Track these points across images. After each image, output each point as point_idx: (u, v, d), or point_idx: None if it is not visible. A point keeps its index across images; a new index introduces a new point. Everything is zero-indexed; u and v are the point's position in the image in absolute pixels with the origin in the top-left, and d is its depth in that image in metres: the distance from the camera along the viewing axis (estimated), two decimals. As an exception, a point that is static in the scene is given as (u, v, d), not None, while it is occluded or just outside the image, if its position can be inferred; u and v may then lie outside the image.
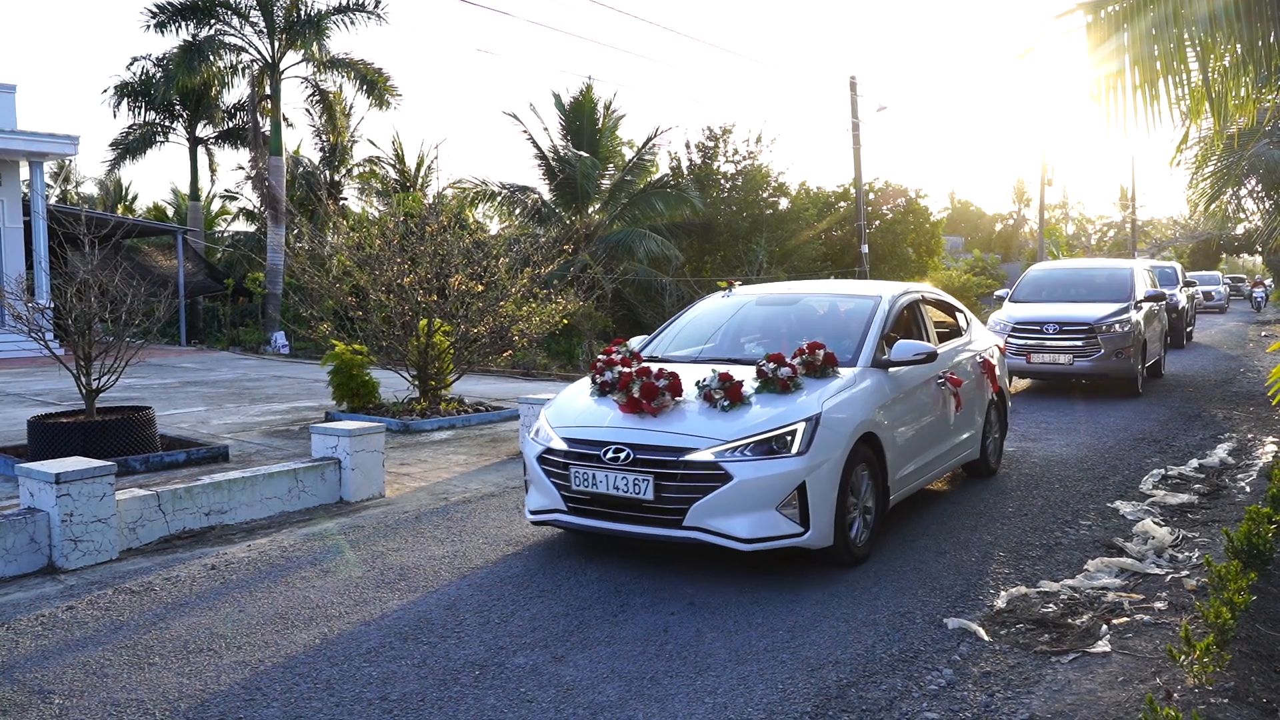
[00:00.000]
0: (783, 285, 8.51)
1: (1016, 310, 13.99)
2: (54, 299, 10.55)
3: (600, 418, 5.87)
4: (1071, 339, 12.91)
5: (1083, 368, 12.86)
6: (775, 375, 5.80)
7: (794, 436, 5.42)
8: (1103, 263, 17.34)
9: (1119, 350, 12.73)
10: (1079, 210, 77.16)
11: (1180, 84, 5.79)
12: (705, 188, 29.77)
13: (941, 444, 7.07)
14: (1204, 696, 3.87)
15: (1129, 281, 14.15)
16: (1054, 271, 15.90)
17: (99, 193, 44.09)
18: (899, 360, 6.38)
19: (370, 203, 30.87)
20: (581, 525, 5.70)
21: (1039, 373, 13.47)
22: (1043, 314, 13.44)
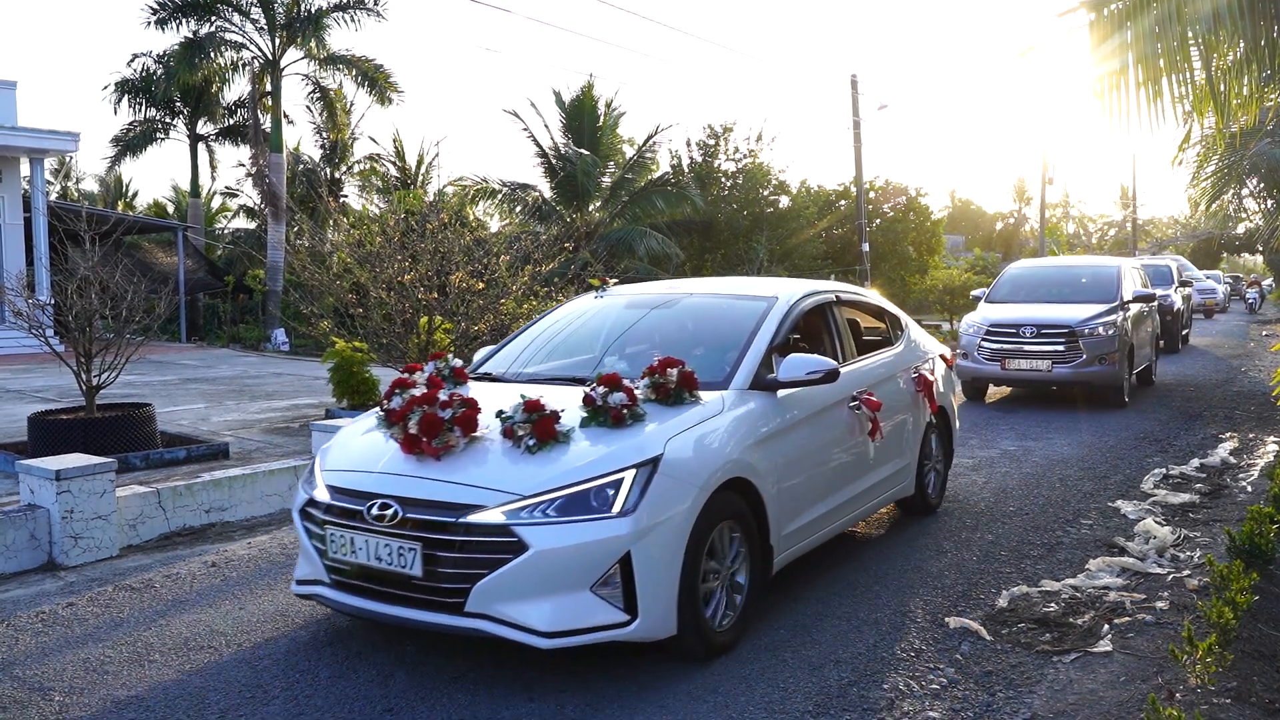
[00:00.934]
0: (663, 284, 6.94)
1: (992, 312, 12.89)
2: (54, 296, 10.55)
3: (374, 459, 4.49)
4: (1050, 343, 11.89)
5: (1062, 374, 11.86)
6: (605, 403, 4.41)
7: (618, 488, 4.04)
8: (1088, 260, 16.26)
9: (1102, 356, 11.70)
10: (1080, 209, 77.23)
11: (1183, 82, 5.78)
12: (706, 186, 29.76)
13: (857, 482, 5.74)
14: (1206, 696, 3.86)
15: (1115, 281, 13.14)
16: (1035, 270, 14.83)
17: (99, 189, 44.08)
18: (790, 380, 5.02)
19: (371, 200, 30.86)
20: (343, 605, 4.30)
21: (1015, 380, 12.47)
22: (1020, 316, 12.36)
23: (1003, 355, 12.12)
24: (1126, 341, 12.17)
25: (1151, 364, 14.30)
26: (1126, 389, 12.28)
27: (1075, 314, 12.06)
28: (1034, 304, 12.90)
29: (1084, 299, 12.70)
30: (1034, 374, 12.03)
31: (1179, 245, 53.51)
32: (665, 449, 4.22)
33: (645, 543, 3.98)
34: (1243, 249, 52.79)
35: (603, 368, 5.32)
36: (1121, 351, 11.91)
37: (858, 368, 6.04)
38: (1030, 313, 12.43)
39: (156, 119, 30.83)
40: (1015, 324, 12.17)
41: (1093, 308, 12.24)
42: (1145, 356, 13.67)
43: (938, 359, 7.28)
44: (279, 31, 25.71)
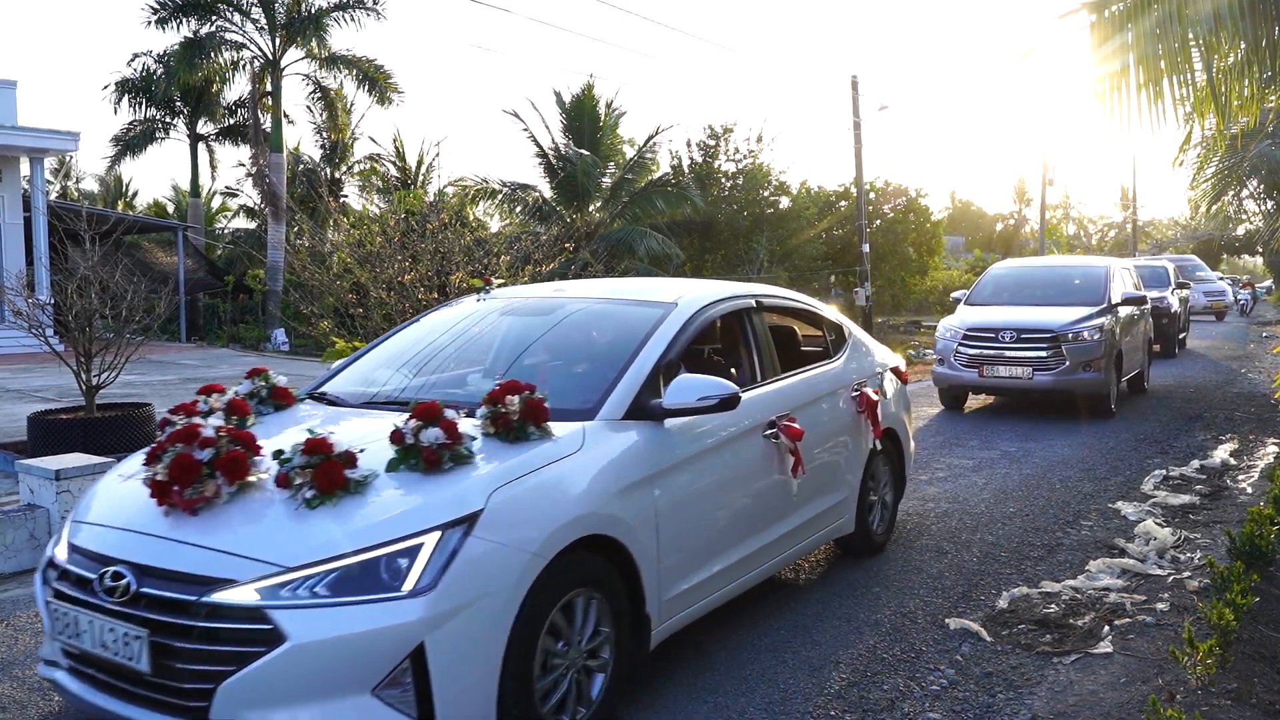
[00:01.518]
0: (550, 286, 5.90)
1: (971, 315, 12.11)
2: (54, 295, 10.54)
3: (124, 511, 3.51)
4: (1031, 349, 11.15)
5: (1044, 383, 11.09)
6: (417, 441, 3.41)
7: (413, 558, 3.09)
8: (1075, 261, 15.49)
9: (1087, 362, 11.00)
10: (1080, 210, 77.20)
11: (1184, 83, 5.79)
12: (706, 186, 29.76)
13: (777, 524, 4.84)
14: (1206, 698, 3.86)
15: (1103, 282, 12.35)
16: (1019, 270, 13.99)
17: (99, 189, 44.10)
18: (676, 408, 4.07)
19: (371, 200, 30.86)
20: (73, 697, 3.33)
21: (994, 388, 11.73)
22: (999, 319, 11.63)
23: (981, 361, 11.42)
24: (1114, 347, 11.56)
25: (1144, 370, 13.62)
26: (1114, 398, 11.62)
27: (1059, 318, 11.36)
28: (1017, 307, 12.17)
29: (1070, 301, 12.01)
30: (1014, 382, 11.29)
31: (1179, 246, 53.55)
32: (488, 503, 3.27)
33: (448, 630, 3.05)
34: (1243, 250, 52.81)
35: (466, 388, 4.50)
36: (1108, 358, 11.27)
37: (778, 388, 5.05)
38: (1011, 316, 11.73)
39: (156, 119, 30.82)
40: (994, 328, 11.49)
41: (1078, 311, 11.56)
42: (1137, 362, 13.08)
43: (887, 374, 6.39)
44: (279, 31, 25.71)
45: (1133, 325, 12.78)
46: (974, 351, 11.47)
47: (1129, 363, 12.47)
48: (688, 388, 4.08)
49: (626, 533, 3.72)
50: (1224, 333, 26.38)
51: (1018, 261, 15.45)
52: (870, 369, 6.17)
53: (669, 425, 4.13)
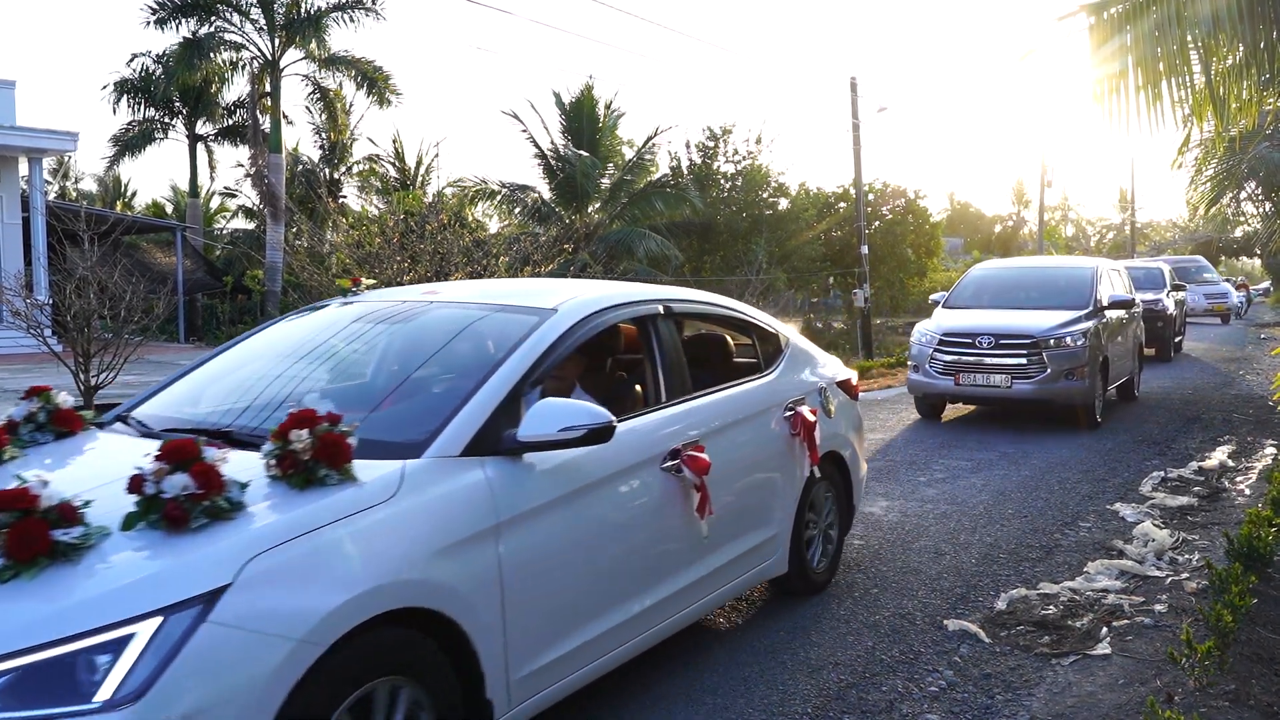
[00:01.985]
0: (421, 289, 4.83)
1: (948, 319, 11.44)
2: (53, 295, 10.54)
3: None
4: (1010, 356, 10.51)
5: (1023, 392, 10.46)
6: (158, 491, 2.61)
7: (117, 655, 2.32)
8: (1061, 262, 14.65)
9: (1070, 370, 10.35)
10: (1078, 212, 77.22)
11: (1182, 85, 5.80)
12: (705, 187, 29.75)
13: (678, 574, 4.04)
14: (1205, 699, 3.86)
15: (1089, 284, 11.66)
16: (1001, 271, 13.34)
17: (98, 189, 44.07)
18: (533, 440, 3.28)
19: (370, 201, 30.86)
20: None
21: (970, 397, 11.12)
22: (976, 324, 10.98)
23: (957, 369, 10.76)
24: (1100, 353, 10.88)
25: (1134, 377, 13.00)
26: (1099, 408, 10.97)
27: (1041, 322, 10.71)
28: (997, 310, 11.52)
29: (1054, 305, 11.32)
30: (991, 391, 10.67)
31: (1178, 248, 53.62)
32: (239, 575, 2.49)
33: None
34: (1241, 252, 52.90)
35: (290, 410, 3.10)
36: (1093, 365, 10.61)
37: (684, 411, 4.23)
38: (990, 320, 11.07)
39: (155, 119, 30.81)
40: (971, 333, 10.81)
41: (1062, 315, 10.90)
42: (1126, 369, 12.46)
43: (831, 389, 5.51)
44: (278, 32, 25.71)
45: (1121, 330, 12.12)
46: (950, 358, 10.83)
47: (1117, 369, 11.86)
48: (547, 415, 3.28)
49: (454, 602, 2.94)
50: (1222, 335, 25.92)
51: (1000, 262, 14.58)
52: (809, 385, 5.29)
53: (530, 461, 3.34)
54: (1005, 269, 13.61)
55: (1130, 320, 12.67)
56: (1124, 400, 12.83)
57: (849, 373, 5.88)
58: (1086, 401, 10.63)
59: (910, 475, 8.33)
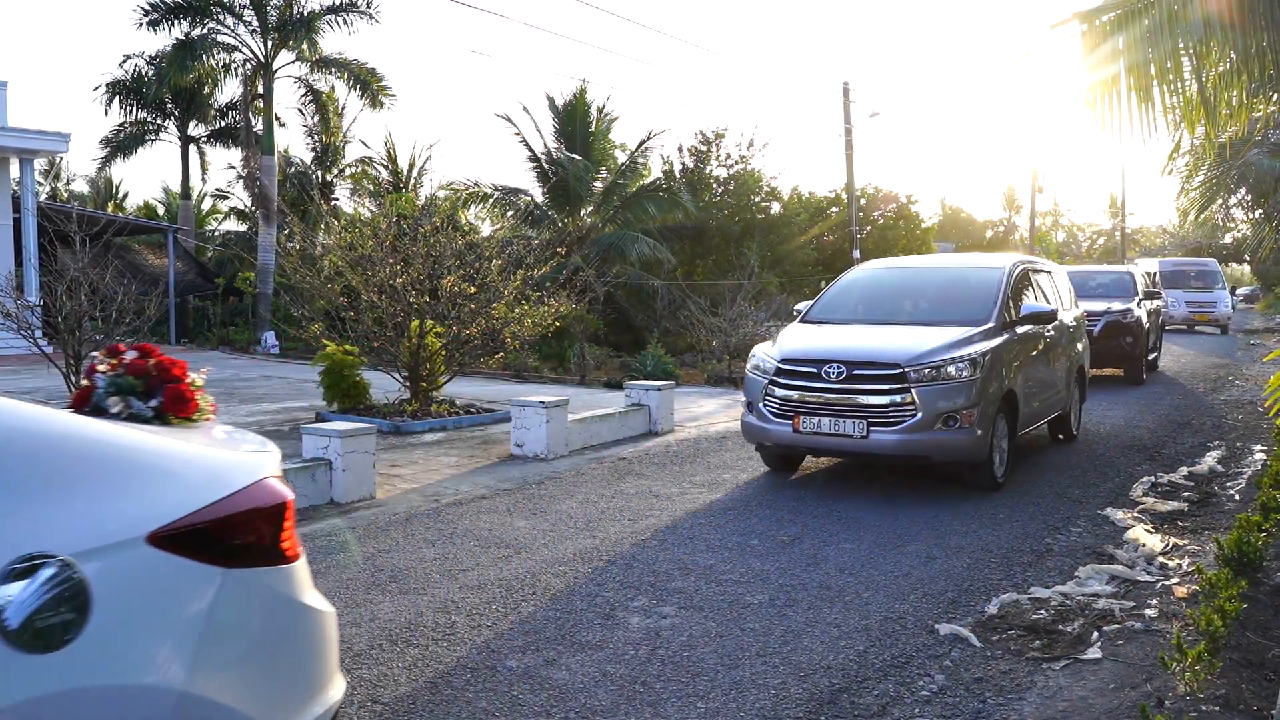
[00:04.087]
0: None
1: (793, 339, 8.46)
2: (44, 297, 10.51)
3: None
4: (867, 392, 7.56)
5: (884, 445, 7.47)
6: None
7: None
8: (964, 261, 10.96)
9: (950, 413, 7.43)
10: (1069, 218, 77.51)
11: (1174, 91, 5.83)
12: (697, 191, 29.79)
13: None
14: (1195, 704, 3.87)
15: (994, 292, 8.61)
16: (887, 274, 10.15)
17: (90, 190, 43.95)
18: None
19: (363, 203, 30.83)
20: None
21: (814, 448, 8.01)
22: (825, 347, 8.07)
23: (796, 409, 7.78)
24: (1002, 387, 7.94)
25: (1069, 411, 10.17)
26: (1001, 464, 7.98)
27: (913, 344, 7.80)
28: (865, 327, 8.72)
29: (945, 319, 8.45)
30: (841, 442, 7.63)
31: (1167, 254, 53.84)
32: None
33: None
34: (1231, 258, 53.13)
35: None
36: (987, 405, 7.65)
37: None
38: (843, 341, 8.20)
39: (148, 120, 30.77)
40: (817, 359, 7.85)
41: (949, 333, 7.98)
42: (1053, 404, 9.55)
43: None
44: (271, 34, 25.67)
45: (1046, 352, 9.26)
46: (787, 394, 7.86)
47: (1036, 407, 8.93)
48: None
49: None
50: (1209, 346, 24.52)
51: (888, 263, 11.31)
52: None
53: None
54: (892, 270, 10.38)
55: (1062, 339, 9.86)
56: (1061, 441, 10.28)
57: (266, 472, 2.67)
58: (974, 456, 7.59)
59: (897, 480, 8.34)
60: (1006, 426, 8.12)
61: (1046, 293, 9.87)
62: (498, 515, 7.08)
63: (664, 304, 24.73)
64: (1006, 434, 8.13)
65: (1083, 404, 10.98)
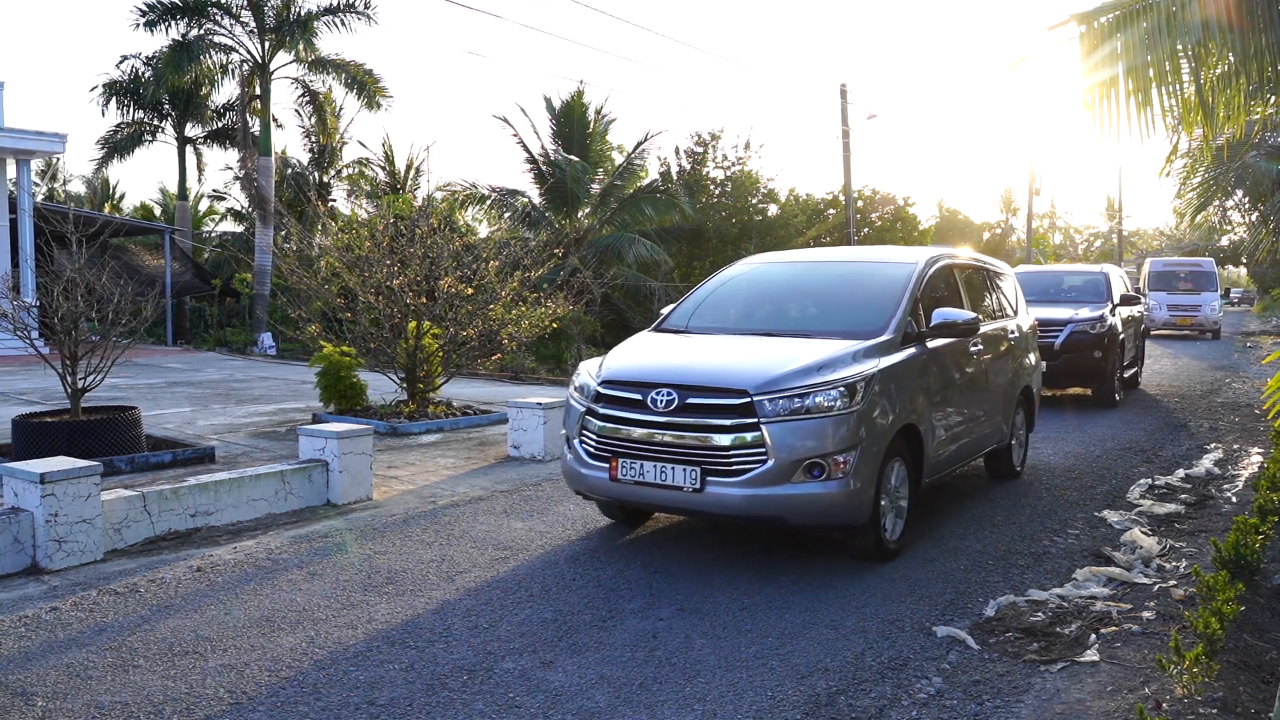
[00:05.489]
0: None
1: (626, 355, 6.50)
2: (40, 297, 10.50)
3: None
4: (702, 428, 5.64)
5: (723, 501, 5.55)
6: None
7: None
8: (870, 255, 8.21)
9: (815, 459, 5.52)
10: (1066, 220, 77.63)
11: (1172, 94, 5.83)
12: (694, 193, 29.82)
13: None
14: (1193, 706, 3.87)
15: (898, 293, 6.71)
16: (774, 270, 7.88)
17: (86, 191, 43.93)
18: None
19: (360, 204, 30.81)
20: None
21: (637, 502, 5.99)
22: (658, 365, 6.16)
23: (614, 449, 5.88)
24: (893, 422, 5.94)
25: (1009, 445, 8.26)
26: (894, 527, 6.09)
27: (770, 363, 5.88)
28: (737, 336, 6.73)
29: (829, 329, 6.54)
30: (666, 495, 5.70)
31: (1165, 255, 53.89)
32: None
33: None
34: (1227, 261, 53.20)
35: None
36: (869, 446, 5.70)
37: None
38: (683, 358, 6.27)
39: (144, 121, 30.76)
40: (644, 381, 5.93)
41: (824, 349, 6.04)
42: (988, 436, 7.75)
43: None
44: (268, 35, 25.67)
45: (972, 372, 7.32)
46: (605, 425, 5.93)
47: (957, 443, 7.06)
48: None
49: None
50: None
51: (781, 256, 8.27)
52: None
53: None
54: (783, 267, 7.96)
55: (997, 354, 7.88)
56: (1000, 478, 8.49)
57: None
58: (850, 517, 5.65)
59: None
60: (906, 473, 6.21)
61: (981, 296, 8.12)
62: (494, 517, 7.07)
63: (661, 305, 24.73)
64: (906, 483, 6.22)
65: (1027, 431, 8.90)
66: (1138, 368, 15.59)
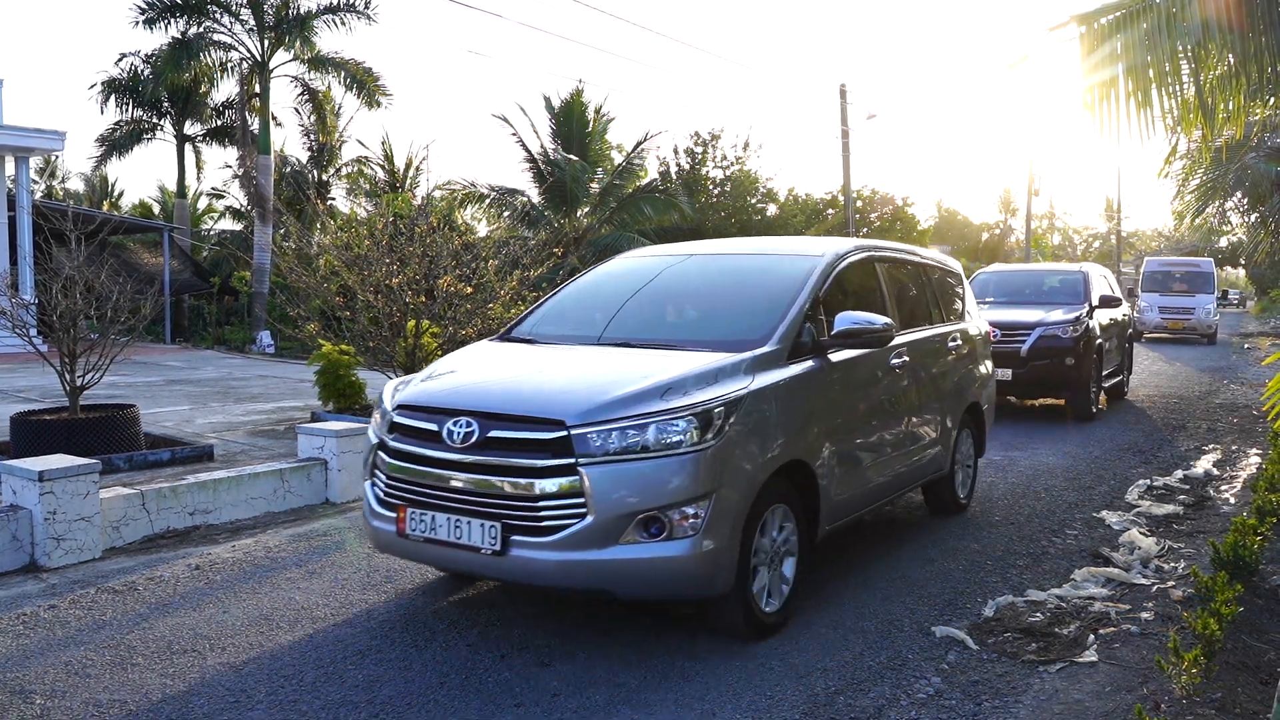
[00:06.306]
0: None
1: (432, 377, 5.22)
2: (39, 295, 10.49)
3: None
4: (505, 470, 4.35)
5: (531, 567, 4.26)
6: None
7: None
8: (768, 248, 6.71)
9: (652, 513, 4.22)
10: (1065, 220, 77.72)
11: (1171, 95, 5.83)
12: (693, 193, 29.84)
13: None
14: (1191, 707, 3.88)
15: (792, 295, 5.36)
16: (650, 266, 6.37)
17: (85, 189, 43.93)
18: None
19: (359, 203, 30.79)
20: None
21: (426, 562, 4.95)
22: (461, 387, 4.99)
23: (404, 495, 4.64)
24: (769, 460, 4.64)
25: (947, 470, 6.95)
26: (776, 595, 4.80)
27: (599, 383, 4.63)
28: (592, 348, 5.34)
29: (701, 339, 5.29)
30: (462, 556, 4.43)
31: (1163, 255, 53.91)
32: None
33: None
34: (1226, 262, 53.26)
35: None
36: (730, 493, 4.38)
37: None
38: (493, 377, 5.15)
39: (143, 119, 30.72)
40: (442, 407, 4.68)
41: (682, 364, 4.74)
42: (920, 466, 6.46)
43: None
44: (268, 33, 25.64)
45: (894, 389, 6.06)
46: (396, 462, 4.70)
47: (872, 478, 5.73)
48: None
49: None
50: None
51: (662, 251, 6.77)
52: None
53: None
54: (662, 261, 6.43)
55: (931, 367, 6.65)
56: (943, 514, 7.19)
57: None
58: (700, 588, 4.41)
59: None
60: (794, 524, 4.91)
61: (914, 297, 6.89)
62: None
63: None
64: (794, 536, 4.92)
65: (980, 457, 7.76)
66: (1123, 376, 14.26)
